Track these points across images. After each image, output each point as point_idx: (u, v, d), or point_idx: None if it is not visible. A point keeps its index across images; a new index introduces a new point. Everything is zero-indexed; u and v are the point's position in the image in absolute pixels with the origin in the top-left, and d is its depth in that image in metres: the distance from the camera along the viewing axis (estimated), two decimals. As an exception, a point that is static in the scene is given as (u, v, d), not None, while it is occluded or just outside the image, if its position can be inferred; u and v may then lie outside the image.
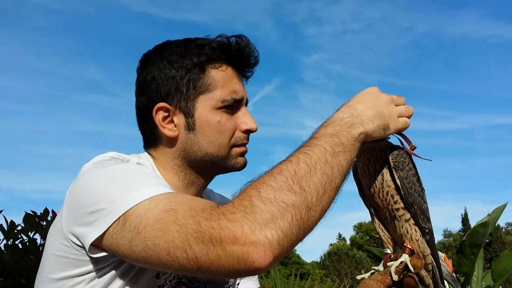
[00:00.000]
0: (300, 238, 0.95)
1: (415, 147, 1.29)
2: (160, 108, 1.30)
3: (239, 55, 1.34)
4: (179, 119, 1.30)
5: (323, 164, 1.00)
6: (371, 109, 1.17)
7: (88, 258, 1.11)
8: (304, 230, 0.95)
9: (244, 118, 1.34)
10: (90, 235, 1.05)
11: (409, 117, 1.25)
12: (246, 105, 1.38)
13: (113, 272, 1.14)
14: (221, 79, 1.30)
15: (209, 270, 0.93)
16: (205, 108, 1.29)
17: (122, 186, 1.06)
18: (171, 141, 1.32)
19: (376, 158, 1.28)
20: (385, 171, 1.26)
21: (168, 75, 1.30)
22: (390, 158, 1.25)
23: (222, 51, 1.32)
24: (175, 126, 1.31)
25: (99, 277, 1.13)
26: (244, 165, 1.38)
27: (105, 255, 1.10)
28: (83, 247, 1.09)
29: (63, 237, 1.13)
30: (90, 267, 1.13)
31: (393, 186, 1.25)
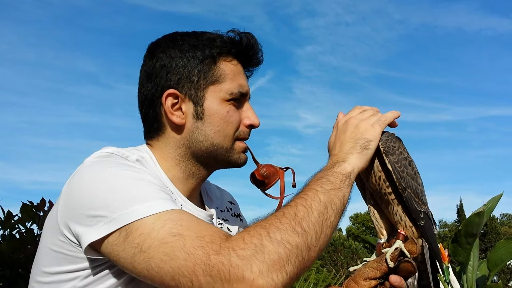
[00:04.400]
0: (299, 276, 1.01)
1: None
2: (169, 95, 1.30)
3: (248, 51, 1.37)
4: (187, 107, 1.31)
5: (317, 203, 1.09)
6: (344, 142, 1.25)
7: (84, 256, 1.10)
8: (303, 270, 1.02)
9: (248, 113, 1.36)
10: (88, 237, 1.05)
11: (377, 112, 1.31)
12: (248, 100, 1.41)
13: (109, 271, 1.13)
14: (231, 72, 1.33)
15: None
16: (214, 98, 1.31)
17: (124, 195, 1.06)
18: (177, 129, 1.32)
19: None
20: (375, 156, 1.26)
21: (179, 64, 1.31)
22: (380, 144, 1.25)
23: (233, 45, 1.34)
24: (183, 113, 1.31)
25: (94, 274, 1.13)
26: (245, 162, 1.39)
27: (102, 257, 1.10)
28: (79, 245, 1.09)
29: (59, 232, 1.12)
30: (86, 264, 1.12)
31: (384, 170, 1.26)
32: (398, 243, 1.21)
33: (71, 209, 1.10)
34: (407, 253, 1.19)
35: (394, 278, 1.17)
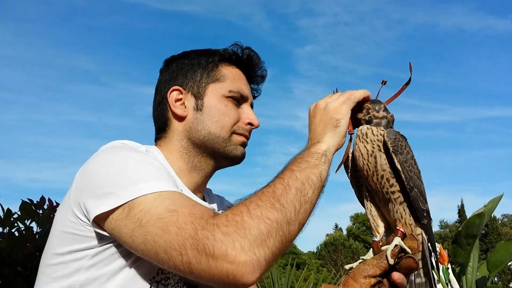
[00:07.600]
0: (282, 251, 1.05)
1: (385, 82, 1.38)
2: (174, 90, 1.45)
3: (249, 62, 1.52)
4: (190, 101, 1.44)
5: (294, 180, 1.14)
6: (316, 126, 1.30)
7: (93, 234, 1.16)
8: (286, 244, 1.05)
9: (248, 112, 1.48)
10: (96, 210, 1.11)
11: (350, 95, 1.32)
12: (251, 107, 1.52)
13: (116, 250, 1.17)
14: (231, 75, 1.47)
15: (199, 276, 1.01)
16: (214, 94, 1.44)
17: (132, 174, 1.13)
18: (180, 120, 1.44)
19: (370, 141, 1.27)
20: (379, 154, 1.26)
21: (185, 69, 1.47)
22: (389, 143, 1.24)
23: (234, 54, 1.50)
24: (185, 107, 1.44)
25: (102, 253, 1.18)
26: (243, 156, 1.47)
27: (108, 235, 1.15)
28: (88, 223, 1.15)
29: (70, 213, 1.18)
30: (94, 243, 1.17)
31: (388, 169, 1.25)
32: (397, 240, 1.20)
33: (83, 188, 1.16)
34: (408, 250, 1.18)
35: (397, 276, 1.18)
